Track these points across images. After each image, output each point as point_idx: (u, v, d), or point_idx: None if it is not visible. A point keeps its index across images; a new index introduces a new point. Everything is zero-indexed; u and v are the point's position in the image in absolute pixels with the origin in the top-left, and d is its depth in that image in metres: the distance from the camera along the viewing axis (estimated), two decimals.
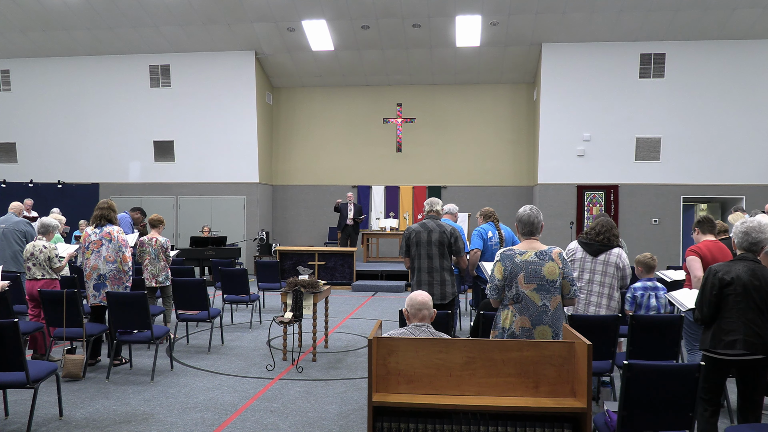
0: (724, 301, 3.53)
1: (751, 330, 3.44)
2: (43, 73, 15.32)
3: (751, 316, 3.46)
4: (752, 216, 7.46)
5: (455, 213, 7.17)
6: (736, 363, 3.53)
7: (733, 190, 13.62)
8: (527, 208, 3.79)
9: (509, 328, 3.56)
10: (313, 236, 15.98)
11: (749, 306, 3.47)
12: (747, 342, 3.43)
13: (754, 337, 3.44)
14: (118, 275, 6.04)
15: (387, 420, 2.89)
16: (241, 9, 13.06)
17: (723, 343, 3.49)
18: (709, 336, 3.59)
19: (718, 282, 3.55)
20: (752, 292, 3.48)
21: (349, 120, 15.97)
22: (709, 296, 3.58)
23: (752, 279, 3.50)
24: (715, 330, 3.56)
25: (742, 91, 13.48)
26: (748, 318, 3.46)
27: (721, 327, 3.53)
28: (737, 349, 3.45)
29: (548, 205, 14.04)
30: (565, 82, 13.96)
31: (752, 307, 3.47)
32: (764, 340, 3.45)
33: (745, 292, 3.48)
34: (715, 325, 3.56)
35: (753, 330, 3.44)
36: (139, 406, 4.85)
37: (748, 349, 3.43)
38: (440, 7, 12.79)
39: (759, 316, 3.47)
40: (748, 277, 3.51)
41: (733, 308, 3.50)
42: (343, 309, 9.81)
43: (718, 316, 3.56)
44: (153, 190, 15.33)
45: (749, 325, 3.45)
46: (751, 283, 3.49)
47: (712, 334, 3.56)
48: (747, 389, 3.58)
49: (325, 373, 5.91)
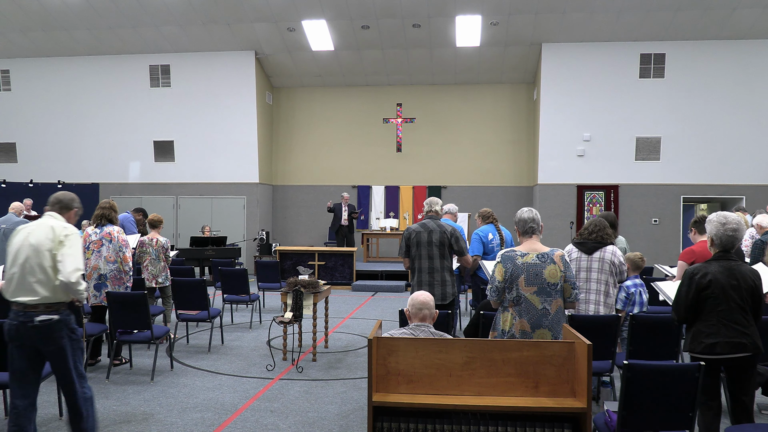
0: (702, 303, 3.48)
1: (735, 331, 3.41)
2: (43, 73, 15.32)
3: (733, 317, 3.42)
4: (753, 216, 7.47)
5: (455, 213, 7.18)
6: (722, 362, 3.49)
7: (733, 190, 13.62)
8: (524, 209, 3.80)
9: (509, 330, 3.55)
10: (313, 236, 15.98)
11: (730, 307, 3.43)
12: (729, 344, 3.40)
13: (740, 336, 3.41)
14: (119, 275, 6.04)
15: (387, 420, 2.89)
16: (241, 9, 13.05)
17: (702, 345, 3.46)
18: (689, 338, 3.56)
19: (695, 286, 3.49)
20: (731, 292, 3.43)
21: (349, 120, 15.97)
22: (685, 300, 3.53)
23: (729, 279, 3.45)
24: (694, 333, 3.52)
25: (742, 91, 13.47)
26: (730, 319, 3.42)
27: (700, 330, 3.49)
28: (717, 353, 3.41)
29: (548, 206, 14.04)
30: (565, 82, 13.96)
31: (733, 308, 3.43)
32: (751, 338, 3.42)
33: (723, 294, 3.43)
34: (695, 327, 3.53)
35: (737, 330, 3.41)
36: (139, 406, 4.85)
37: (730, 351, 3.40)
38: (440, 7, 12.79)
39: (742, 315, 3.43)
40: (725, 278, 3.45)
41: (712, 311, 3.45)
42: (343, 309, 9.81)
43: (697, 318, 3.52)
44: (153, 190, 15.33)
45: (732, 327, 3.41)
46: (728, 284, 3.44)
47: (692, 336, 3.53)
48: (735, 389, 3.56)
49: (325, 373, 5.91)
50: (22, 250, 3.49)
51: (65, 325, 3.48)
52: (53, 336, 3.44)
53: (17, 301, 3.44)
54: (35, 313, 3.40)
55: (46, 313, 3.42)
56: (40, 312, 3.41)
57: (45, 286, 3.42)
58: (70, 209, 3.73)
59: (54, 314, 3.44)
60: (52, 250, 3.45)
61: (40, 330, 3.41)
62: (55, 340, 3.44)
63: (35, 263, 3.43)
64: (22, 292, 3.43)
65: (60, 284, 3.42)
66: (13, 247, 3.53)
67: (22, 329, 3.41)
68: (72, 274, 3.40)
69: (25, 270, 3.44)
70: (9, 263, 3.51)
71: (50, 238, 3.47)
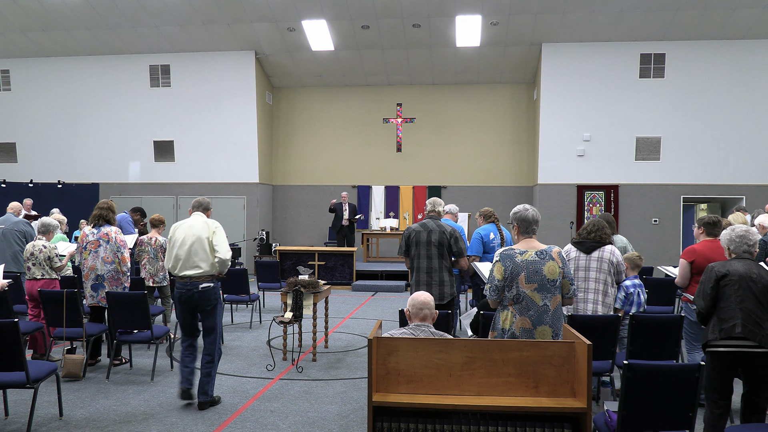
0: (720, 292, 3.62)
1: (750, 318, 3.49)
2: (43, 73, 15.32)
3: (749, 305, 3.52)
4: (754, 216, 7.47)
5: (455, 213, 7.17)
6: (740, 358, 3.51)
7: (733, 190, 13.62)
8: (526, 207, 3.76)
9: (509, 329, 3.53)
10: (313, 236, 15.98)
11: (747, 295, 3.54)
12: (746, 328, 3.47)
13: (754, 325, 3.48)
14: (116, 276, 6.02)
15: (387, 420, 2.89)
16: (241, 9, 13.05)
17: (722, 331, 3.54)
18: (709, 329, 3.65)
19: (714, 275, 3.66)
20: (749, 283, 3.56)
21: (349, 120, 15.96)
22: (706, 289, 3.68)
23: (748, 272, 3.59)
24: (714, 322, 3.63)
25: (742, 91, 13.47)
26: (746, 307, 3.51)
27: (719, 317, 3.60)
28: (736, 334, 3.47)
29: (548, 205, 14.04)
30: (565, 82, 13.96)
31: (750, 297, 3.53)
32: (764, 331, 3.46)
33: (741, 282, 3.57)
34: (714, 317, 3.64)
35: (752, 318, 3.49)
36: (139, 406, 4.85)
37: (747, 335, 3.46)
38: (440, 7, 12.79)
39: (757, 306, 3.52)
40: (744, 270, 3.60)
41: (731, 297, 3.57)
42: (343, 309, 9.81)
43: (716, 308, 3.63)
44: (153, 190, 15.33)
45: (748, 313, 3.50)
46: (747, 275, 3.58)
47: (712, 326, 3.63)
48: (751, 390, 3.57)
49: (325, 373, 5.90)
50: (187, 238, 4.77)
51: (217, 290, 4.86)
52: (210, 298, 4.80)
53: (185, 274, 4.74)
54: (199, 282, 4.74)
55: (206, 282, 4.76)
56: (203, 281, 4.75)
57: (205, 263, 4.76)
58: (208, 210, 5.06)
59: (211, 282, 4.79)
60: (209, 237, 4.77)
61: (203, 294, 4.76)
62: (210, 301, 4.81)
63: (198, 247, 4.75)
64: (189, 268, 4.74)
65: (218, 261, 4.77)
66: (178, 237, 4.80)
67: (188, 294, 4.75)
68: (226, 253, 4.78)
69: (191, 252, 4.75)
70: (176, 249, 4.77)
71: (206, 230, 4.79)
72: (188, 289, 4.74)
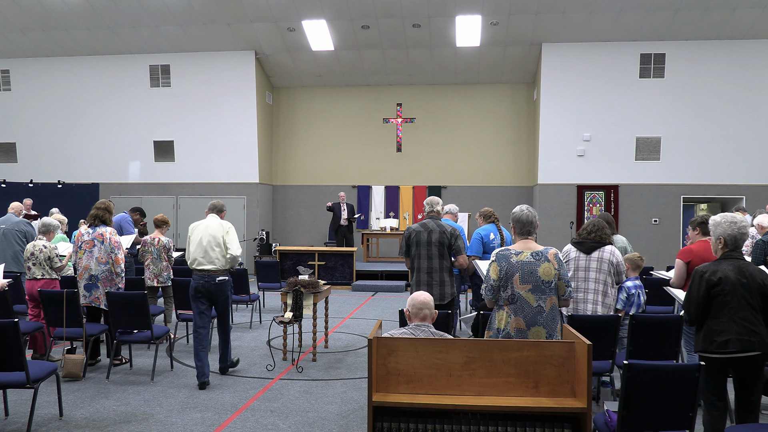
0: (712, 301, 3.51)
1: (745, 328, 3.41)
2: (43, 73, 15.32)
3: (743, 314, 3.43)
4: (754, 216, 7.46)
5: (455, 213, 7.18)
6: (732, 362, 3.49)
7: (733, 190, 13.62)
8: (524, 208, 3.77)
9: (504, 329, 3.55)
10: (313, 236, 15.98)
11: (740, 304, 3.44)
12: (740, 341, 3.41)
13: (749, 334, 3.41)
14: (110, 277, 5.99)
15: (387, 420, 2.89)
16: (241, 9, 13.06)
17: (715, 344, 3.46)
18: (701, 338, 3.57)
19: (705, 283, 3.52)
20: (741, 290, 3.45)
21: (349, 120, 15.96)
22: (696, 298, 3.55)
23: (739, 277, 3.48)
24: (706, 331, 3.53)
25: (742, 91, 13.47)
26: (740, 317, 3.43)
27: (712, 328, 3.50)
28: (730, 349, 3.42)
29: (548, 205, 14.04)
30: (565, 82, 13.96)
31: (743, 305, 3.44)
32: (761, 337, 3.42)
33: (733, 291, 3.45)
34: (706, 326, 3.54)
35: (747, 328, 3.41)
36: (139, 406, 4.85)
37: (741, 348, 3.41)
38: (440, 7, 12.78)
39: (751, 313, 3.44)
40: (735, 275, 3.48)
41: (723, 308, 3.47)
42: (343, 309, 9.81)
43: (707, 316, 3.53)
44: (153, 190, 15.33)
45: (742, 324, 3.42)
46: (738, 282, 3.46)
47: (704, 335, 3.54)
48: (743, 390, 3.56)
49: (325, 373, 5.91)
50: (204, 237, 5.47)
51: (230, 283, 5.65)
52: (224, 289, 5.55)
53: (202, 269, 5.44)
54: (215, 275, 5.47)
55: (222, 276, 5.50)
56: (219, 275, 5.48)
57: (221, 258, 5.47)
58: (222, 212, 5.75)
59: (225, 276, 5.55)
60: (223, 237, 5.48)
61: (218, 286, 5.50)
62: (224, 292, 5.56)
63: (214, 244, 5.45)
64: (207, 263, 5.44)
65: (229, 257, 5.48)
66: (197, 235, 5.50)
67: (206, 286, 5.47)
68: (237, 250, 5.49)
69: (208, 249, 5.44)
70: (194, 246, 5.48)
71: (221, 230, 5.51)
72: (206, 281, 5.45)
